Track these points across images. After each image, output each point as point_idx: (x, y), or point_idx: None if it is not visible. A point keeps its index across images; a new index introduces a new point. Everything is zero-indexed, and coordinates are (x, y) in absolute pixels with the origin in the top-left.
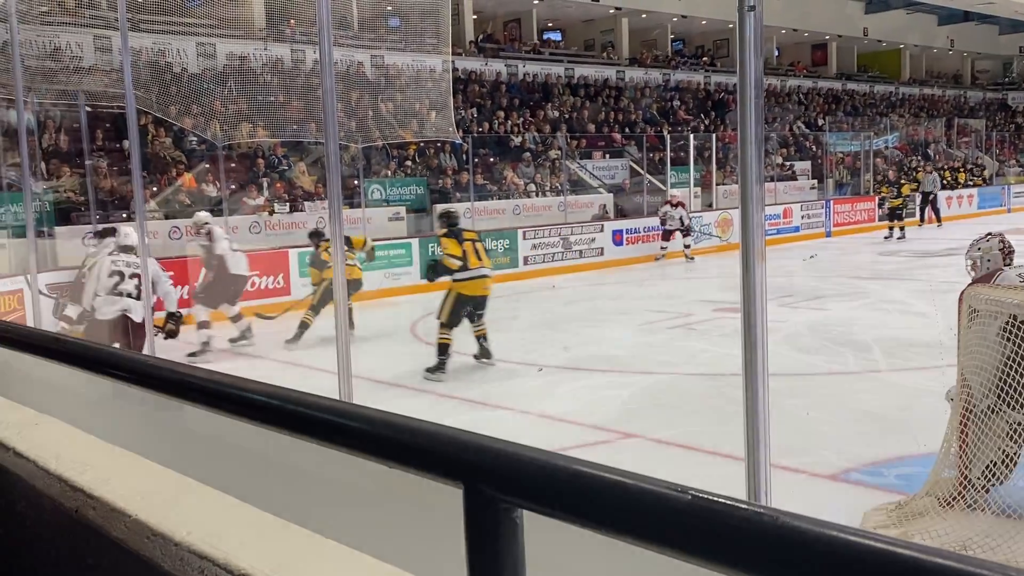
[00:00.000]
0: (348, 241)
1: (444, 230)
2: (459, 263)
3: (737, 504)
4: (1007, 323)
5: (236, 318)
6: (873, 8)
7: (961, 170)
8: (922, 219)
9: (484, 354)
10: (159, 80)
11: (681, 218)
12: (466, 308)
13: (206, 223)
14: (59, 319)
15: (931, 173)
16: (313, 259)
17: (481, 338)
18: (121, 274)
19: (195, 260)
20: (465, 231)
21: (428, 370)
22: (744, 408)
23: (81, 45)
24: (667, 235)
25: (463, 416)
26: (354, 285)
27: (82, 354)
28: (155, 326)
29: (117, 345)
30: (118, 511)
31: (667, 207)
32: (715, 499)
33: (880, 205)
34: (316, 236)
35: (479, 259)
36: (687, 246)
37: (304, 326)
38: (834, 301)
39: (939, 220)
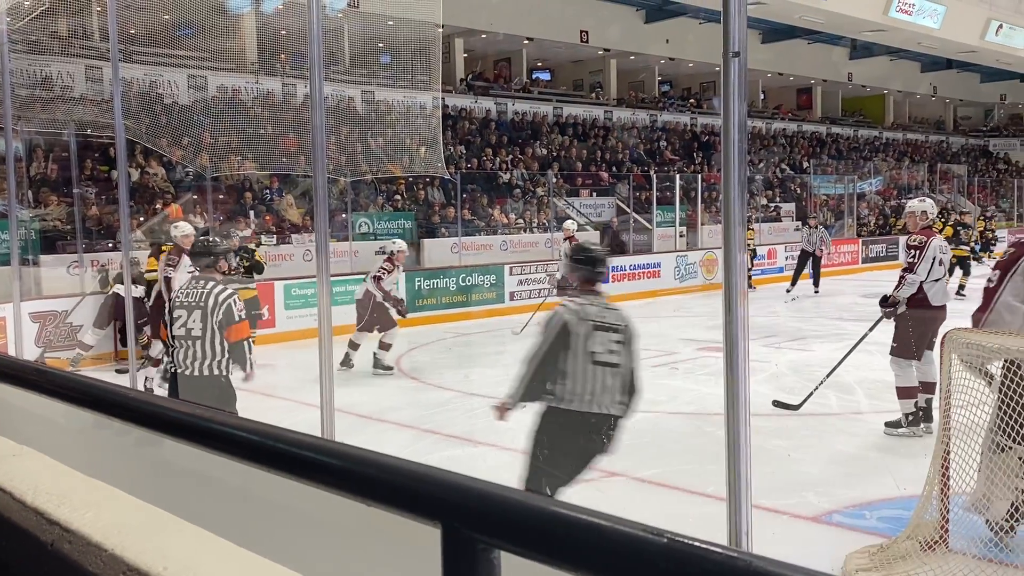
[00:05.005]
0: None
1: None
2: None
3: (711, 548)
4: (1006, 365)
5: (386, 346)
6: (857, 54)
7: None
8: (794, 282)
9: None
10: (150, 111)
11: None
12: None
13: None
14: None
15: (817, 228)
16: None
17: None
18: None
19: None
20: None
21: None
22: (726, 448)
23: (72, 75)
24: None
25: (447, 452)
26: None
27: (64, 386)
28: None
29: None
30: (94, 545)
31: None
32: (690, 542)
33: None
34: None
35: None
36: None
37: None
38: (817, 342)
39: (817, 285)
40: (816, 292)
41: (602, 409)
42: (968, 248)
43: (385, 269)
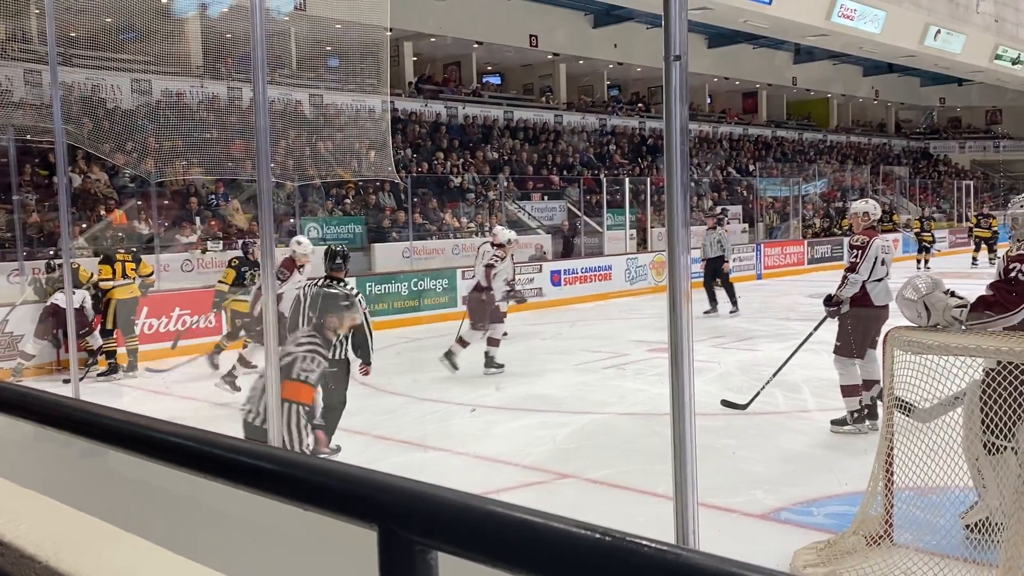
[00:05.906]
0: (137, 260)
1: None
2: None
3: (642, 542)
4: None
5: (495, 343)
6: (801, 59)
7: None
8: (713, 301)
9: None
10: (92, 115)
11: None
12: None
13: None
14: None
15: (715, 228)
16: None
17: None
18: None
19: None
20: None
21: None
22: (672, 447)
23: (10, 79)
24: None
25: (399, 458)
26: (132, 303)
27: None
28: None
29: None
30: (28, 557)
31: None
32: (620, 537)
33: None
34: (107, 261)
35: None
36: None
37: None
38: (764, 342)
39: (734, 303)
40: (735, 311)
41: None
42: None
43: (498, 256)
